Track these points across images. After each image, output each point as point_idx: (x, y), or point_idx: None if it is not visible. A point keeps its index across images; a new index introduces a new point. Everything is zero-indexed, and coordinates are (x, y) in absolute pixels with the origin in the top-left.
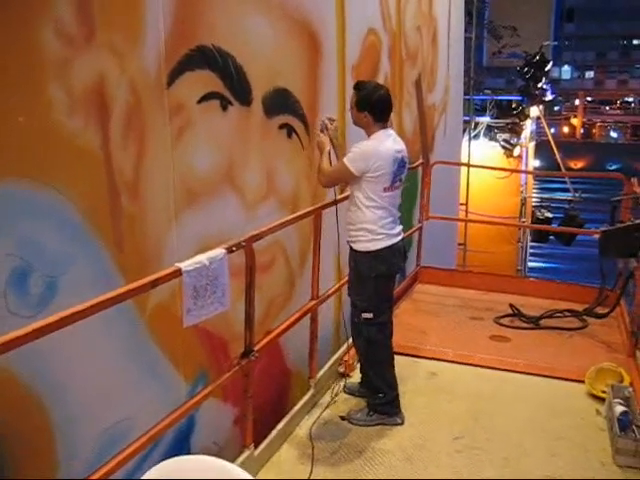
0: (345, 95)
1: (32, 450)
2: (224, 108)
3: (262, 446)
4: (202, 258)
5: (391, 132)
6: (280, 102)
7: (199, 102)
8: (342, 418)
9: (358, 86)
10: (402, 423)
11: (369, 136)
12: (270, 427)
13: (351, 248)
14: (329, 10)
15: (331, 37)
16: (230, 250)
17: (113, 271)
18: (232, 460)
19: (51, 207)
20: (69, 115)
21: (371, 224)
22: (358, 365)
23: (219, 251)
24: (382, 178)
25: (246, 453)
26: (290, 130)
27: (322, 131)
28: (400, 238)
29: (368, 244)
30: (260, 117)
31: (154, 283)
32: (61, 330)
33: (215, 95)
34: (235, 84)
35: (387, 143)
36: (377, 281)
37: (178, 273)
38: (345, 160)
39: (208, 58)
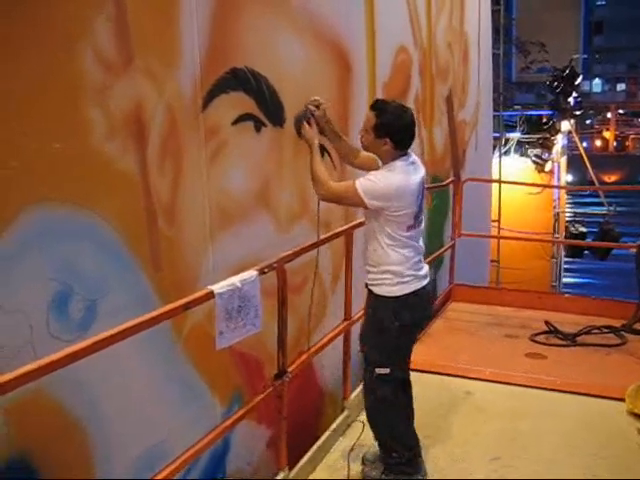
0: None
1: (71, 473)
2: (258, 129)
3: (297, 468)
4: (234, 280)
5: (412, 158)
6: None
7: (233, 124)
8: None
9: (378, 107)
10: (424, 477)
11: (384, 163)
12: (305, 448)
13: (370, 292)
14: (359, 29)
15: (361, 56)
16: (262, 272)
17: (151, 294)
18: None
19: (91, 230)
20: (108, 140)
21: (397, 265)
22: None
23: (251, 273)
24: (405, 217)
25: (281, 475)
26: (322, 150)
27: (308, 120)
28: (428, 280)
29: (393, 288)
30: (293, 137)
31: (187, 306)
32: (99, 353)
33: (249, 117)
34: (268, 105)
35: (410, 177)
36: (399, 332)
37: (210, 295)
38: (359, 187)
39: (242, 80)
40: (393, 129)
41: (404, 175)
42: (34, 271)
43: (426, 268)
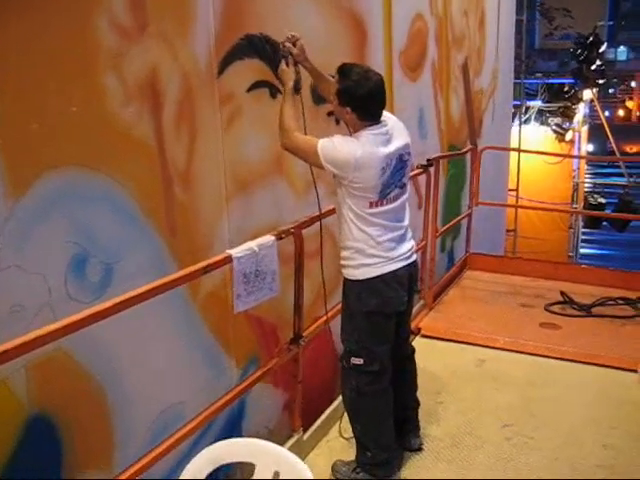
0: (392, 82)
1: (90, 432)
2: (273, 96)
3: (310, 430)
4: (252, 245)
5: (383, 128)
6: None
7: (248, 91)
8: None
9: (341, 71)
10: None
11: (352, 132)
12: (320, 411)
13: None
14: None
15: (378, 23)
16: (279, 237)
17: (167, 258)
18: (281, 444)
19: (108, 195)
20: (124, 105)
21: (361, 243)
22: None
23: (269, 238)
24: (366, 192)
25: (295, 437)
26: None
27: (285, 59)
28: (406, 263)
29: (356, 271)
30: (308, 104)
31: (205, 269)
32: (118, 315)
33: (264, 83)
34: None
35: (376, 149)
36: (367, 319)
37: (228, 259)
38: (319, 148)
39: (257, 47)
40: (353, 98)
41: (369, 146)
42: (52, 234)
43: (403, 249)
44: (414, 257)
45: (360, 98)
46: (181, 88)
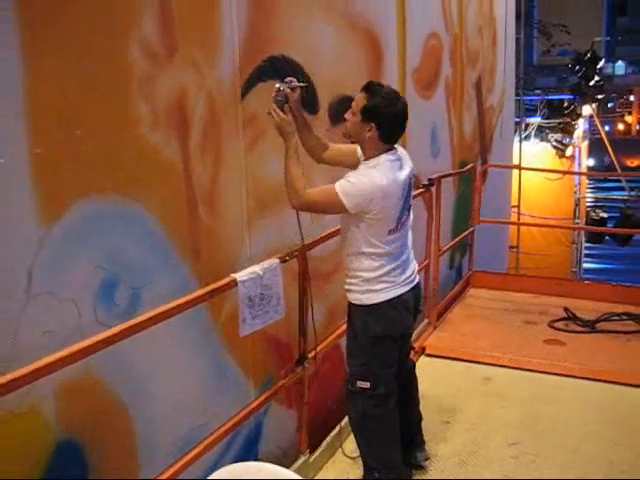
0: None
1: (116, 456)
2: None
3: (317, 452)
4: (256, 268)
5: (399, 153)
6: (345, 109)
7: (270, 113)
8: None
9: (370, 88)
10: None
11: (366, 155)
12: (330, 431)
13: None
14: (390, 15)
15: (392, 42)
16: (283, 260)
17: (190, 281)
18: (289, 465)
19: (135, 220)
20: (153, 130)
21: (369, 272)
22: None
23: (272, 261)
24: (386, 220)
25: (301, 459)
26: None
27: (281, 106)
28: (410, 287)
29: (361, 296)
30: (326, 125)
31: (211, 294)
32: (142, 339)
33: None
34: (303, 93)
35: (394, 174)
36: (373, 343)
37: (233, 283)
38: (339, 191)
39: (278, 68)
40: (382, 115)
41: (390, 173)
42: (83, 260)
43: (408, 273)
44: (417, 279)
45: (389, 116)
46: (207, 111)
